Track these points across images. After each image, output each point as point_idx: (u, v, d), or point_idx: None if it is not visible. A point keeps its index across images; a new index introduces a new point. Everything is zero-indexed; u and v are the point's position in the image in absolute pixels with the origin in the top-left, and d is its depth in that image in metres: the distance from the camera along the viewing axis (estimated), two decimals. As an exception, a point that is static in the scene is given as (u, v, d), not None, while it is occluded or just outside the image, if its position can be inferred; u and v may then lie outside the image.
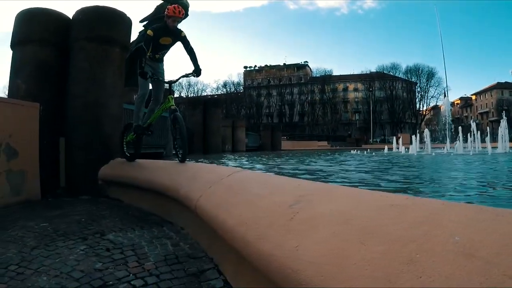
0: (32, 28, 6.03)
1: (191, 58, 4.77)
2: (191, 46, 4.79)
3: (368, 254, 1.15)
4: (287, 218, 1.61)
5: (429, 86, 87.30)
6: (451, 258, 0.99)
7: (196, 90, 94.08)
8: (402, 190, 6.11)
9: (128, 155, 5.35)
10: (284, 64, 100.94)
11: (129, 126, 5.40)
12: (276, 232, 1.57)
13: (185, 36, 4.78)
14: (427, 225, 1.17)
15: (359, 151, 31.16)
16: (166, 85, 4.97)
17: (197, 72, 4.74)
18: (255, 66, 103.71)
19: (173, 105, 4.60)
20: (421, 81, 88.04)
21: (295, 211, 1.63)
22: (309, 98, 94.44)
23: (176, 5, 4.69)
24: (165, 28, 4.69)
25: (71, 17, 6.28)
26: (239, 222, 1.90)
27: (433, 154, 22.48)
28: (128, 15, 6.54)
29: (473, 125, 28.07)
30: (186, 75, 4.82)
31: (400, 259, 1.07)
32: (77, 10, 6.20)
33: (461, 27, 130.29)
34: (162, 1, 12.56)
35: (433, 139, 39.26)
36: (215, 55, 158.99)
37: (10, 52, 6.19)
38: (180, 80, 4.84)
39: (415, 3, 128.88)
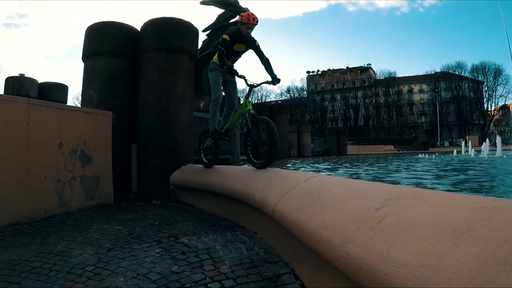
0: (103, 41, 6.26)
1: (266, 68, 4.61)
2: (266, 57, 4.65)
3: (463, 256, 1.12)
4: (374, 221, 1.58)
5: (497, 85, 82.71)
6: (548, 257, 0.95)
7: (260, 96, 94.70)
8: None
9: (206, 161, 5.26)
10: (347, 67, 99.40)
11: (206, 132, 5.31)
12: (364, 235, 1.55)
13: (259, 46, 4.65)
14: None
15: (427, 155, 29.92)
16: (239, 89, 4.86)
17: (276, 80, 4.57)
18: (318, 70, 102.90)
19: (251, 109, 4.42)
20: (488, 79, 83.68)
21: (382, 215, 1.60)
22: (373, 101, 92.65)
23: (250, 12, 4.58)
24: (239, 34, 4.58)
25: (139, 29, 6.46)
26: (323, 226, 1.87)
27: (504, 156, 21.24)
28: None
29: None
30: (267, 82, 4.60)
31: (496, 260, 1.04)
32: (145, 22, 6.38)
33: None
34: (224, 10, 12.77)
35: (504, 141, 37.22)
36: (277, 60, 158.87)
37: (74, 64, 6.42)
38: (247, 86, 4.69)
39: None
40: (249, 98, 4.53)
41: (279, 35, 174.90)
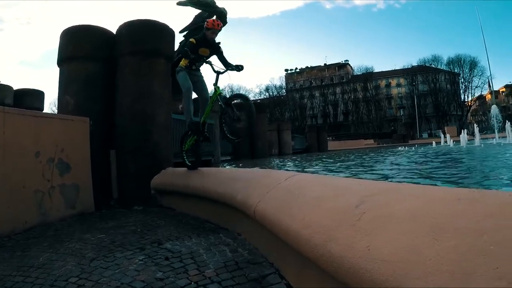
0: (78, 45, 6.18)
1: (228, 68, 4.75)
2: (227, 61, 4.82)
3: (442, 249, 1.13)
4: (354, 218, 1.58)
5: (473, 76, 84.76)
6: (525, 247, 0.96)
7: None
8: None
9: (189, 163, 5.19)
10: (325, 64, 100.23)
11: (187, 134, 5.28)
12: (344, 233, 1.55)
13: (222, 52, 4.87)
14: (496, 217, 1.15)
15: (406, 147, 30.31)
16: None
17: (239, 67, 4.70)
18: (296, 68, 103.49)
19: (222, 93, 4.63)
20: (464, 71, 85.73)
21: (361, 212, 1.59)
22: (352, 96, 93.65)
23: (215, 18, 4.91)
24: (204, 39, 4.79)
25: (114, 32, 6.40)
26: (304, 226, 1.86)
27: (482, 145, 21.70)
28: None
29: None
30: (231, 69, 4.70)
31: (475, 252, 1.05)
32: (121, 25, 6.34)
33: (502, 11, 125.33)
34: (200, 11, 12.70)
35: (481, 130, 37.97)
36: (256, 60, 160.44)
37: (51, 69, 6.33)
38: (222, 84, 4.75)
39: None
40: (218, 84, 4.69)
41: (257, 34, 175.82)
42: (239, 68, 4.69)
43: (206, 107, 4.97)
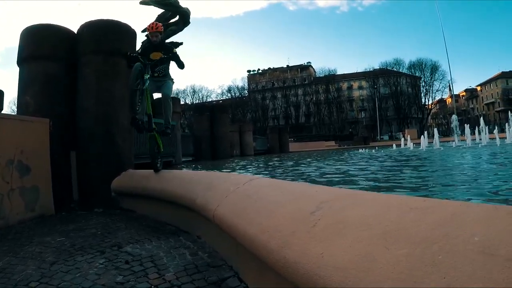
0: (39, 44, 6.07)
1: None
2: (181, 62, 4.90)
3: (393, 258, 1.16)
4: (309, 225, 1.61)
5: (434, 80, 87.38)
6: (472, 257, 1.00)
7: (201, 97, 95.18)
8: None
9: (158, 166, 4.96)
10: (287, 65, 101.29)
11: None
12: (299, 239, 1.58)
13: (175, 53, 4.87)
14: (447, 227, 1.18)
15: (367, 150, 30.86)
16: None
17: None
18: (259, 69, 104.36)
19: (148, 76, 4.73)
20: (425, 75, 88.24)
21: (317, 218, 1.62)
22: (314, 98, 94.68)
23: (152, 22, 4.82)
24: (151, 44, 4.82)
25: (75, 32, 6.32)
26: (261, 231, 1.89)
27: (442, 148, 22.38)
28: (132, 25, 6.57)
29: (482, 121, 27.92)
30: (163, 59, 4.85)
31: (424, 261, 1.07)
32: (82, 25, 6.25)
33: (463, 17, 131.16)
34: (163, 10, 12.67)
35: (441, 133, 39.10)
36: (218, 60, 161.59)
37: (11, 67, 6.21)
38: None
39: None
40: (148, 72, 4.70)
41: (220, 34, 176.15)
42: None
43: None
